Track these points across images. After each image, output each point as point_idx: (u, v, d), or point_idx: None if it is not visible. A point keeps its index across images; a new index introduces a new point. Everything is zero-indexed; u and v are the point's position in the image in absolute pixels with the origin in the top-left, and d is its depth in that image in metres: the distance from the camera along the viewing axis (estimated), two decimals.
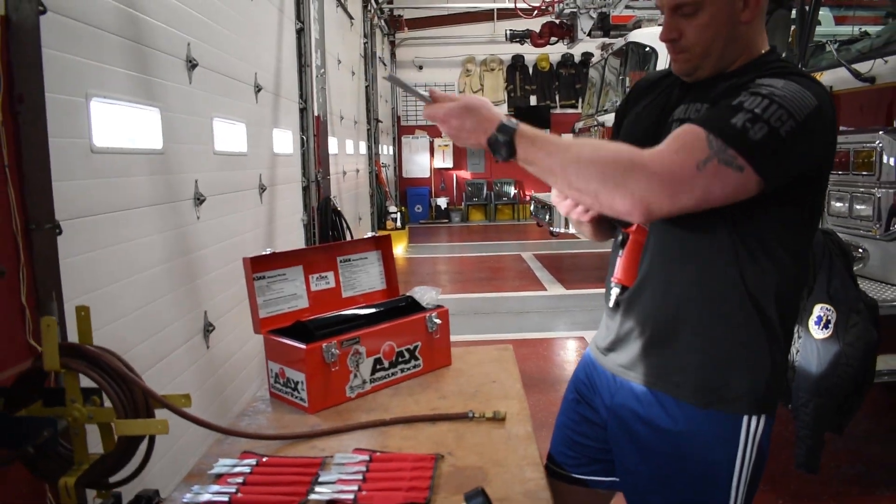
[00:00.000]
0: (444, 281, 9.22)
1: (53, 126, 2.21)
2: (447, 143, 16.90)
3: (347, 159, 9.33)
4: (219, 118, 3.97)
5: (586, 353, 1.85)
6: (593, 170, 1.30)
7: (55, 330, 1.56)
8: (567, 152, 1.33)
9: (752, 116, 1.27)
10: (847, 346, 2.60)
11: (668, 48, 1.53)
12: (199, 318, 3.56)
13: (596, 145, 1.36)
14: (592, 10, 9.47)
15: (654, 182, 1.27)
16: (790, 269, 1.46)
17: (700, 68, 1.50)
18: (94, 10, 2.59)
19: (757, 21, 1.48)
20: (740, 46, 1.48)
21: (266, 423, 1.93)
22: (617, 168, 1.29)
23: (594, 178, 1.30)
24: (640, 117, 1.66)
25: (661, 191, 1.27)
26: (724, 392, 1.48)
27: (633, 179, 1.27)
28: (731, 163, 1.26)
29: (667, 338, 1.53)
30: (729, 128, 1.27)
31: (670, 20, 1.48)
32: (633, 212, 1.30)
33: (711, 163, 1.26)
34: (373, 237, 2.50)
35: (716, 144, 1.27)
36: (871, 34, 3.89)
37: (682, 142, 1.30)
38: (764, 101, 1.28)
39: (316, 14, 6.44)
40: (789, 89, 1.31)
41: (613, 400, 1.65)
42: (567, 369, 5.63)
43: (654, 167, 1.27)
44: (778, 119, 1.27)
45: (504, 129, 1.38)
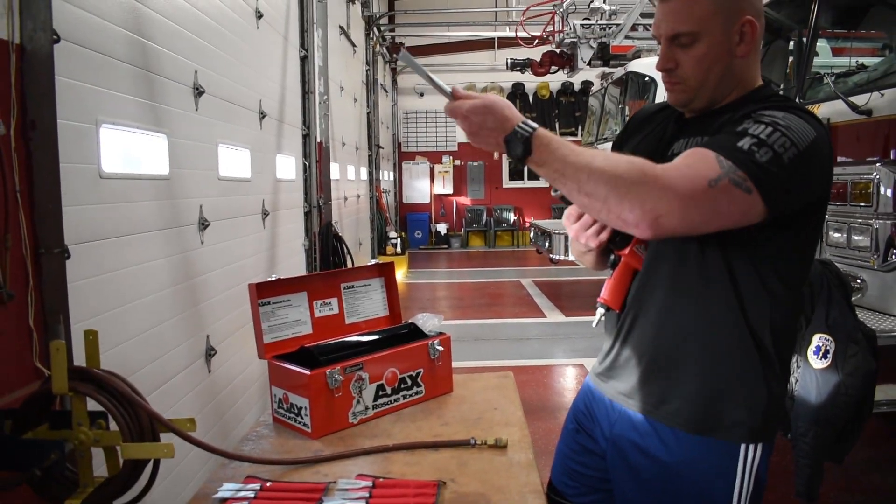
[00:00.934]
0: (443, 307, 9.23)
1: (64, 152, 2.25)
2: (447, 170, 16.98)
3: (349, 185, 9.39)
4: (224, 144, 4.01)
5: (586, 381, 1.86)
6: (605, 176, 1.29)
7: (64, 353, 1.58)
8: (580, 157, 1.33)
9: (757, 141, 1.30)
10: (846, 375, 2.61)
11: (663, 78, 1.56)
12: (202, 342, 3.58)
13: (610, 154, 1.37)
14: (592, 40, 9.56)
15: (666, 195, 1.27)
16: (786, 300, 1.49)
17: (695, 100, 1.53)
18: (106, 38, 2.64)
19: (752, 56, 1.52)
20: (735, 80, 1.51)
21: (269, 447, 1.94)
22: (629, 176, 1.28)
23: (605, 183, 1.29)
24: (637, 150, 1.65)
25: (672, 204, 1.27)
26: (721, 420, 1.49)
27: (645, 190, 1.27)
28: (740, 184, 1.28)
29: (664, 366, 1.55)
30: (737, 150, 1.30)
31: (667, 50, 1.51)
32: (641, 223, 1.29)
33: (723, 181, 1.28)
34: (376, 264, 2.53)
35: (726, 165, 1.29)
36: (867, 67, 3.95)
37: (692, 160, 1.32)
38: (768, 129, 1.32)
39: (320, 42, 6.53)
40: (790, 119, 1.34)
41: (612, 430, 1.67)
42: (567, 396, 5.63)
43: (666, 180, 1.28)
44: (781, 146, 1.30)
45: (522, 129, 1.37)
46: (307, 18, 6.22)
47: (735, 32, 1.46)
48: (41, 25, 2.12)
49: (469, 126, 1.44)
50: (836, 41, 4.85)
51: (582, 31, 9.62)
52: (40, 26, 2.12)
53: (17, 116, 2.04)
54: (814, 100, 3.93)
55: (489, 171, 16.96)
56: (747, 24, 1.46)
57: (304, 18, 6.20)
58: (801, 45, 4.28)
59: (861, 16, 4.39)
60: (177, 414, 3.01)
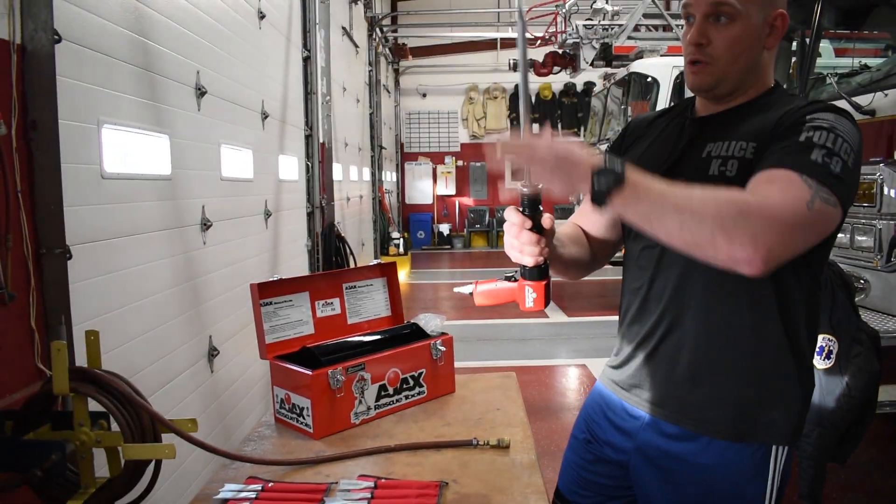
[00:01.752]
0: (446, 307, 9.23)
1: (66, 152, 2.25)
2: (450, 170, 16.99)
3: (351, 185, 9.39)
4: (226, 144, 4.01)
5: (596, 388, 1.80)
6: (709, 211, 1.20)
7: (65, 354, 1.58)
8: (678, 193, 1.24)
9: (827, 152, 1.28)
10: (849, 376, 2.60)
11: (690, 55, 1.50)
12: (204, 343, 3.58)
13: (707, 188, 1.25)
14: (595, 40, 9.56)
15: (775, 226, 1.20)
16: (815, 295, 1.48)
17: (719, 84, 1.50)
18: (107, 38, 2.64)
19: (775, 50, 1.52)
20: (758, 73, 1.51)
21: (271, 448, 1.94)
22: (734, 209, 1.20)
23: (710, 218, 1.20)
24: (646, 158, 1.61)
25: (782, 236, 1.21)
26: (756, 424, 1.47)
27: (753, 223, 1.19)
28: (828, 200, 1.25)
29: (701, 374, 1.51)
30: (815, 166, 1.27)
31: (702, 25, 1.47)
32: (754, 258, 1.19)
33: (816, 201, 1.24)
34: (378, 264, 2.52)
35: (813, 184, 1.25)
36: (871, 67, 3.94)
37: (783, 185, 1.26)
38: (831, 136, 1.30)
39: (322, 43, 6.54)
40: (841, 123, 1.34)
41: (638, 437, 1.62)
42: (569, 397, 5.63)
43: (770, 210, 1.21)
44: (846, 152, 1.30)
45: (612, 164, 1.25)
46: (309, 19, 6.23)
47: (768, 23, 1.46)
48: (42, 25, 2.12)
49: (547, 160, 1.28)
50: (839, 42, 4.84)
51: (584, 31, 9.62)
52: (41, 26, 2.12)
53: (18, 116, 2.04)
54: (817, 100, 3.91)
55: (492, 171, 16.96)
56: (780, 17, 1.46)
57: (307, 19, 6.21)
58: (804, 46, 4.28)
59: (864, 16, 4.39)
60: (179, 414, 3.00)
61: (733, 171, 1.41)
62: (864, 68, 3.94)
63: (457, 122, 17.06)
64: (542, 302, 1.44)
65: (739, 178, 1.37)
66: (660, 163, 1.57)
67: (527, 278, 1.44)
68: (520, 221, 1.38)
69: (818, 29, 3.99)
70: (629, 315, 1.67)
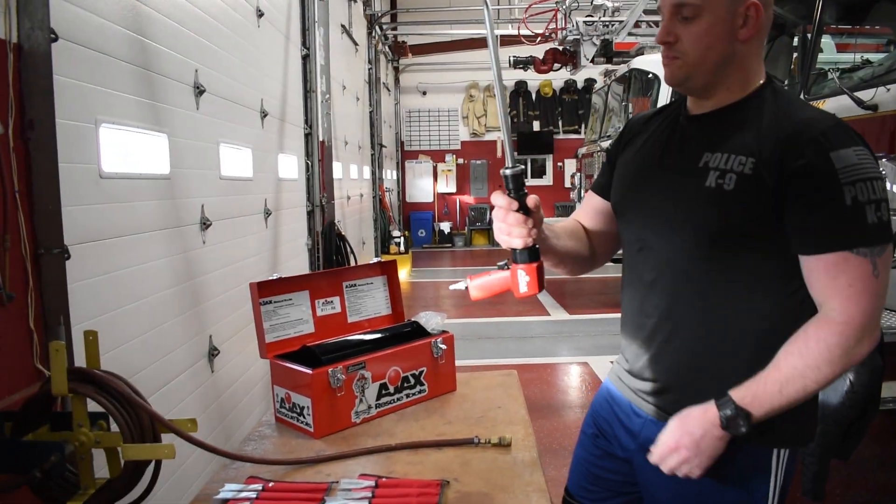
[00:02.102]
0: (447, 305, 9.22)
1: (63, 152, 2.23)
2: (450, 168, 16.98)
3: (351, 184, 9.38)
4: (225, 143, 4.00)
5: (605, 384, 1.81)
6: (825, 368, 1.36)
7: (64, 354, 1.57)
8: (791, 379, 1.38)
9: (875, 205, 1.32)
10: (852, 373, 2.59)
11: (662, 52, 1.52)
12: (205, 342, 3.57)
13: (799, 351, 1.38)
14: (595, 37, 9.55)
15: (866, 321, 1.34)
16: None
17: (691, 78, 1.49)
18: (105, 37, 2.63)
19: (754, 44, 1.49)
20: (735, 66, 1.48)
21: (272, 447, 1.93)
22: (838, 351, 1.35)
23: (831, 371, 1.36)
24: (639, 157, 1.66)
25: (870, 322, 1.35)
26: (764, 426, 1.45)
27: (855, 340, 1.34)
28: (884, 250, 1.34)
29: (699, 375, 1.51)
30: (871, 229, 1.33)
31: (668, 23, 1.48)
32: (869, 353, 1.37)
33: (878, 265, 1.33)
34: (378, 262, 2.51)
35: (867, 251, 1.33)
36: (872, 62, 3.93)
37: (847, 278, 1.34)
38: (868, 185, 1.32)
39: (321, 41, 6.52)
40: (862, 159, 1.34)
41: (642, 433, 1.62)
42: (571, 395, 5.62)
43: (856, 319, 1.34)
44: (883, 190, 1.34)
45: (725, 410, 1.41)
46: (309, 17, 6.21)
47: (740, 14, 1.43)
48: (38, 24, 2.11)
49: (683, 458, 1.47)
50: (840, 37, 4.82)
51: (585, 28, 9.61)
52: (38, 25, 2.11)
53: (15, 116, 2.03)
54: (819, 95, 3.90)
55: (492, 169, 16.94)
56: (752, 7, 1.43)
57: (306, 17, 6.19)
58: (805, 41, 4.26)
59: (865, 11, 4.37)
60: (180, 414, 3.00)
61: (731, 185, 1.42)
62: (865, 63, 3.93)
63: (457, 119, 17.05)
64: (536, 285, 1.44)
65: (737, 192, 1.40)
66: (651, 164, 1.60)
67: (518, 262, 1.44)
68: (506, 203, 1.40)
69: (819, 24, 3.97)
70: (629, 315, 1.68)
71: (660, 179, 1.56)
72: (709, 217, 1.44)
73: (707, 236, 1.45)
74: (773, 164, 1.37)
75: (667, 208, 1.53)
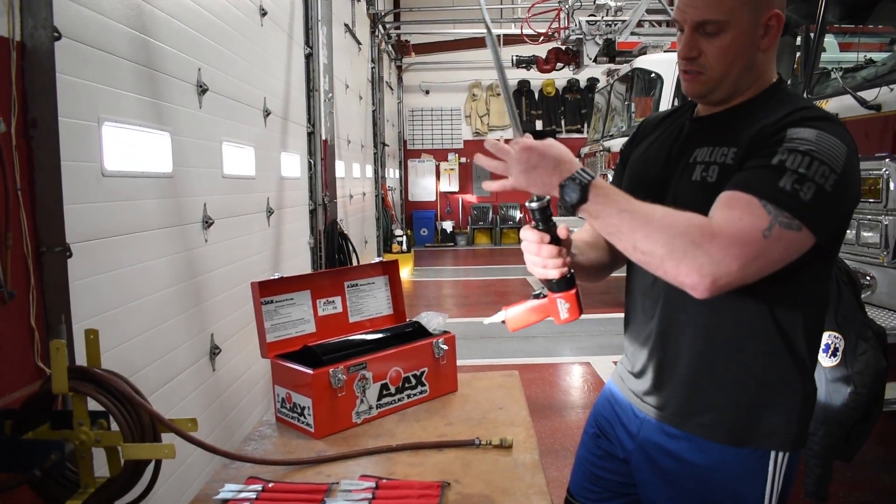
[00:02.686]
0: (449, 304, 9.22)
1: (66, 150, 2.23)
2: (453, 167, 16.97)
3: (354, 183, 9.38)
4: (228, 142, 4.00)
5: (608, 385, 1.82)
6: (662, 236, 1.27)
7: (64, 353, 1.57)
8: (636, 213, 1.29)
9: (798, 177, 1.26)
10: (856, 374, 2.58)
11: (682, 66, 1.51)
12: (206, 341, 3.57)
13: (668, 211, 1.30)
14: (598, 36, 9.54)
15: (724, 257, 1.24)
16: (818, 299, 1.47)
17: (714, 91, 1.49)
18: (108, 35, 2.63)
19: (772, 50, 1.48)
20: (755, 74, 1.48)
21: (272, 448, 1.93)
22: (686, 238, 1.25)
23: (662, 245, 1.27)
24: (646, 157, 1.65)
25: (730, 266, 1.24)
26: (757, 429, 1.46)
27: (702, 253, 1.24)
28: (790, 226, 1.26)
29: (697, 377, 1.51)
30: (780, 192, 1.26)
31: (691, 37, 1.46)
32: (698, 286, 1.26)
33: (774, 228, 1.25)
34: (380, 262, 2.51)
35: (773, 210, 1.26)
36: (876, 61, 3.92)
37: (739, 211, 1.27)
38: (806, 159, 1.27)
39: (325, 39, 6.52)
40: (822, 142, 1.30)
41: (640, 434, 1.63)
42: (573, 395, 5.61)
43: (722, 240, 1.24)
44: (822, 176, 1.27)
45: (581, 175, 1.32)
46: (312, 16, 6.21)
47: (762, 25, 1.42)
48: (42, 23, 2.11)
49: (521, 165, 1.36)
50: (843, 36, 4.81)
51: (587, 27, 9.60)
52: (41, 23, 2.10)
53: (17, 114, 2.02)
54: (822, 95, 3.89)
55: None
56: (774, 17, 1.42)
57: (309, 16, 6.19)
58: (808, 41, 4.25)
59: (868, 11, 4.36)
60: (181, 413, 3.00)
61: (713, 177, 1.41)
62: (869, 63, 3.92)
63: (460, 118, 17.04)
64: (577, 310, 1.47)
65: (719, 184, 1.37)
66: (656, 164, 1.60)
67: (556, 291, 1.46)
68: (538, 238, 1.42)
69: (822, 23, 3.96)
70: (631, 317, 1.68)
71: (659, 179, 1.56)
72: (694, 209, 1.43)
73: None
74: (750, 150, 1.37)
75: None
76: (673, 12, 1.53)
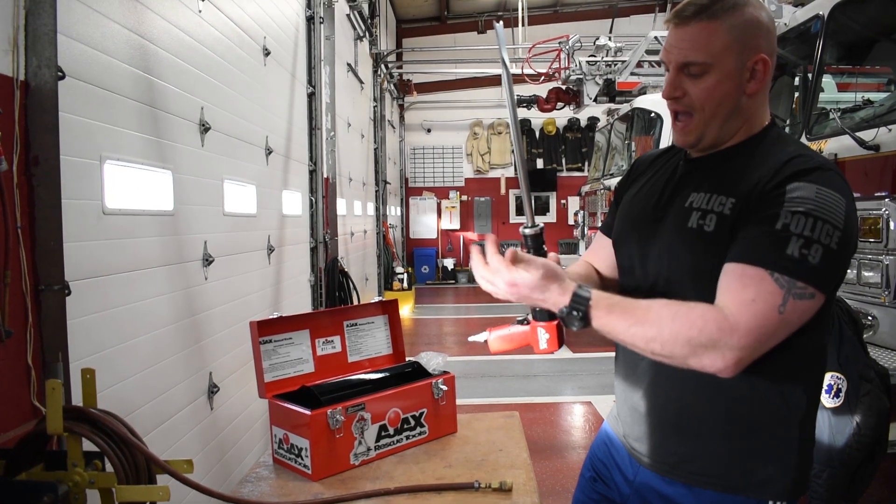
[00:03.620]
0: (450, 343, 9.17)
1: (67, 188, 2.24)
2: (454, 205, 17.03)
3: (355, 220, 9.40)
4: (229, 180, 4.01)
5: (603, 428, 1.80)
6: (680, 340, 1.29)
7: (60, 393, 1.56)
8: (646, 324, 1.31)
9: (804, 241, 1.27)
10: (859, 415, 2.56)
11: (669, 107, 1.52)
12: (204, 379, 3.54)
13: (676, 311, 1.31)
14: (598, 76, 9.63)
15: (746, 342, 1.26)
16: (815, 348, 1.45)
17: (703, 137, 1.49)
18: (111, 75, 2.65)
19: (761, 94, 1.48)
20: (742, 118, 1.48)
21: (269, 490, 1.90)
22: (704, 336, 1.27)
23: (681, 346, 1.29)
24: (639, 197, 1.65)
25: (751, 345, 1.27)
26: (750, 478, 1.44)
27: (723, 345, 1.26)
28: (802, 295, 1.27)
29: (686, 426, 1.49)
30: (789, 261, 1.27)
31: (675, 78, 1.47)
32: (723, 371, 1.29)
33: (789, 302, 1.26)
34: (380, 302, 2.50)
35: (784, 282, 1.27)
36: (874, 102, 3.94)
37: (752, 291, 1.28)
38: (809, 221, 1.28)
39: (327, 79, 6.59)
40: (823, 199, 1.30)
41: (636, 479, 1.61)
42: (574, 435, 5.55)
43: (741, 330, 1.26)
44: (827, 235, 1.27)
45: (576, 304, 1.35)
46: (315, 55, 6.28)
47: (747, 69, 1.43)
48: (46, 62, 2.13)
49: (511, 297, 1.40)
50: (841, 77, 4.85)
51: (588, 67, 9.69)
52: (45, 63, 2.13)
53: (20, 152, 2.04)
54: (820, 135, 3.92)
55: (496, 206, 16.99)
56: (760, 62, 1.43)
57: (312, 55, 6.26)
58: (806, 81, 4.29)
59: (866, 51, 4.41)
60: (178, 452, 2.96)
61: (711, 226, 1.41)
62: (867, 103, 3.94)
63: (461, 157, 17.14)
64: (556, 343, 1.47)
65: (716, 234, 1.39)
66: (643, 205, 1.60)
67: (538, 319, 1.46)
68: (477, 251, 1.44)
69: (820, 64, 4.00)
70: (620, 361, 1.68)
71: (651, 220, 1.56)
72: (690, 256, 1.44)
73: (688, 275, 1.45)
74: (749, 203, 1.37)
75: (652, 248, 1.53)
76: (660, 53, 1.54)
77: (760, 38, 1.44)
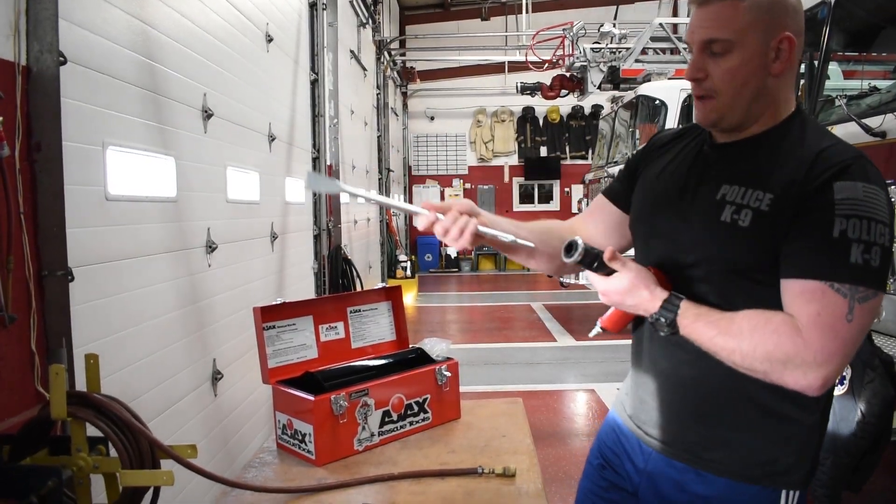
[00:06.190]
0: (453, 330, 9.18)
1: (69, 174, 2.24)
2: (457, 193, 17.01)
3: (358, 208, 9.39)
4: (232, 167, 4.01)
5: (611, 415, 1.78)
6: (758, 356, 1.30)
7: (63, 378, 1.56)
8: (728, 335, 1.33)
9: (864, 246, 1.26)
10: (863, 403, 2.55)
11: (693, 90, 1.48)
12: (208, 366, 3.55)
13: (753, 324, 1.33)
14: (602, 63, 9.58)
15: (823, 357, 1.27)
16: None
17: (724, 118, 1.45)
18: (114, 60, 2.64)
19: (787, 76, 1.44)
20: (768, 100, 1.44)
21: (272, 475, 1.90)
22: (781, 353, 1.29)
23: (760, 362, 1.31)
24: (662, 178, 1.60)
25: (831, 360, 1.27)
26: (771, 468, 1.43)
27: (801, 362, 1.28)
28: (866, 298, 1.27)
29: (708, 413, 1.48)
30: (855, 269, 1.27)
31: (698, 58, 1.43)
32: (808, 390, 1.30)
33: (855, 309, 1.27)
34: (383, 288, 2.50)
35: (847, 290, 1.27)
36: (880, 89, 3.92)
37: (817, 305, 1.28)
38: (864, 223, 1.27)
39: (330, 66, 6.56)
40: (869, 197, 1.29)
41: (647, 466, 1.59)
42: (578, 422, 5.56)
43: (815, 345, 1.27)
44: (881, 234, 1.27)
45: (666, 309, 1.40)
46: (318, 42, 6.26)
47: (772, 48, 1.39)
48: (47, 47, 2.12)
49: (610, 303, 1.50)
50: (847, 64, 4.82)
51: (592, 54, 9.65)
52: (47, 48, 2.12)
53: (22, 138, 2.03)
54: (826, 122, 3.89)
55: (500, 194, 16.97)
56: (786, 40, 1.39)
57: (315, 42, 6.24)
58: (812, 68, 4.26)
59: (872, 38, 4.37)
60: (182, 438, 2.97)
61: (746, 222, 1.38)
62: (873, 90, 3.91)
63: (465, 144, 17.11)
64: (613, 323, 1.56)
65: (751, 229, 1.37)
66: (675, 189, 1.55)
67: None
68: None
69: (826, 51, 3.97)
70: (637, 347, 1.65)
71: (677, 207, 1.51)
72: (722, 251, 1.41)
73: (718, 269, 1.42)
74: (790, 202, 1.34)
75: (679, 237, 1.49)
76: (685, 35, 1.52)
77: (786, 16, 1.40)
